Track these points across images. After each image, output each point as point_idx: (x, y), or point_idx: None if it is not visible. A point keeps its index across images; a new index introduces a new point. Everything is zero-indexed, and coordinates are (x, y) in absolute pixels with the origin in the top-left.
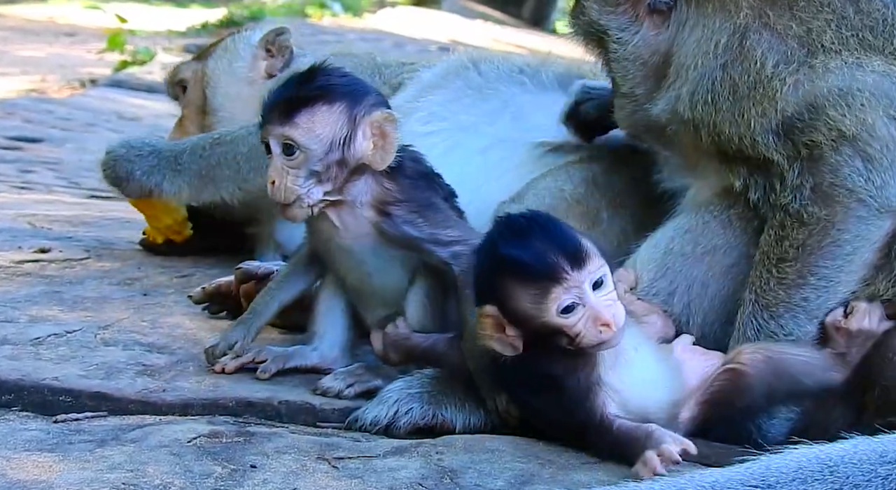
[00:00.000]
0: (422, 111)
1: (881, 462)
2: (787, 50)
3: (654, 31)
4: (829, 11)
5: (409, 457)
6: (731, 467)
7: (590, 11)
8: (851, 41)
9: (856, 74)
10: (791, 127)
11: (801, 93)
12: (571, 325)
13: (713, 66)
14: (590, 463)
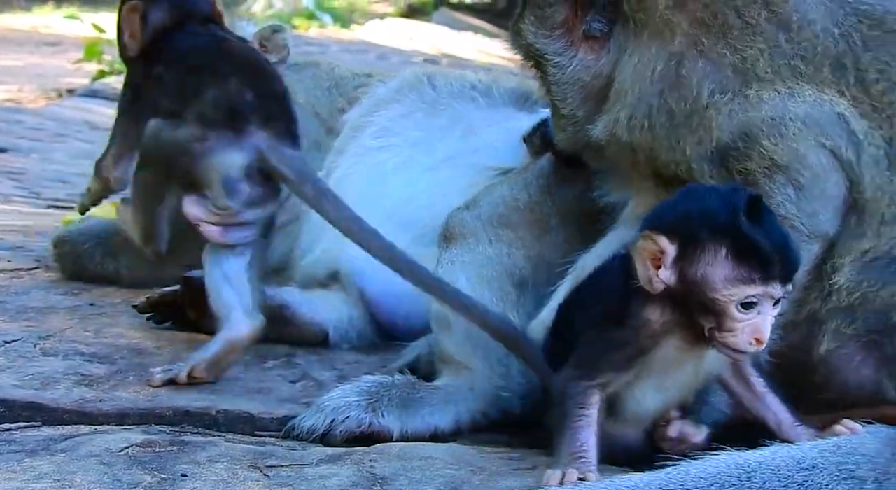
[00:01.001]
0: (375, 126)
1: (798, 468)
2: (722, 78)
3: (592, 55)
4: (762, 40)
5: (342, 464)
6: (652, 472)
7: (526, 35)
8: (784, 70)
9: (788, 105)
10: (726, 155)
11: (735, 122)
12: (734, 319)
13: (650, 92)
14: (521, 469)
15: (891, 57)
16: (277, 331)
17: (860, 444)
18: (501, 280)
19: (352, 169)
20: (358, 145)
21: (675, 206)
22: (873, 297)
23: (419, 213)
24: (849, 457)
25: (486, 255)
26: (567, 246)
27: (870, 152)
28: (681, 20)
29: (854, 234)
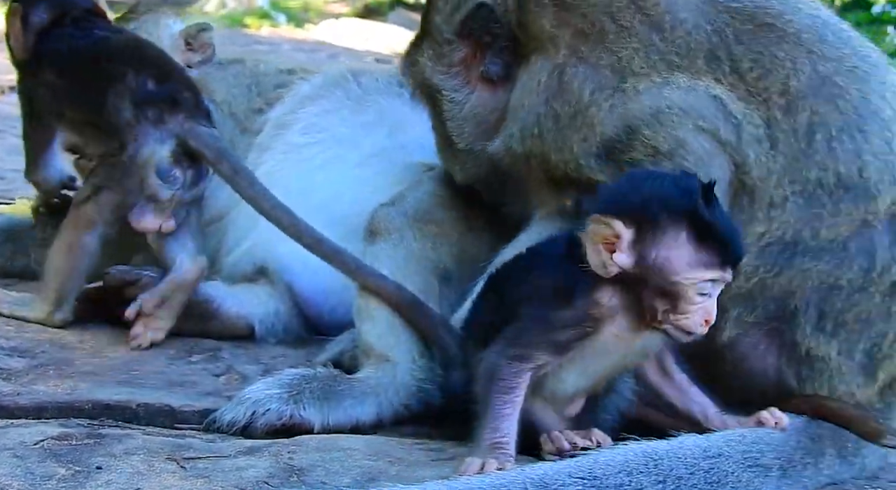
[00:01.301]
0: (301, 122)
1: (704, 456)
2: (601, 78)
3: (487, 94)
4: (637, 41)
5: (260, 456)
6: (561, 461)
7: (424, 68)
8: (659, 64)
9: (664, 93)
10: (611, 149)
11: (616, 116)
12: (691, 302)
13: (537, 102)
14: (439, 460)
15: (762, 47)
16: (202, 325)
17: (766, 433)
18: (425, 274)
19: (279, 166)
20: (284, 142)
21: (626, 190)
22: (771, 283)
23: (347, 209)
24: (754, 445)
25: (411, 249)
26: (493, 242)
27: (749, 131)
28: (564, 34)
29: (746, 219)
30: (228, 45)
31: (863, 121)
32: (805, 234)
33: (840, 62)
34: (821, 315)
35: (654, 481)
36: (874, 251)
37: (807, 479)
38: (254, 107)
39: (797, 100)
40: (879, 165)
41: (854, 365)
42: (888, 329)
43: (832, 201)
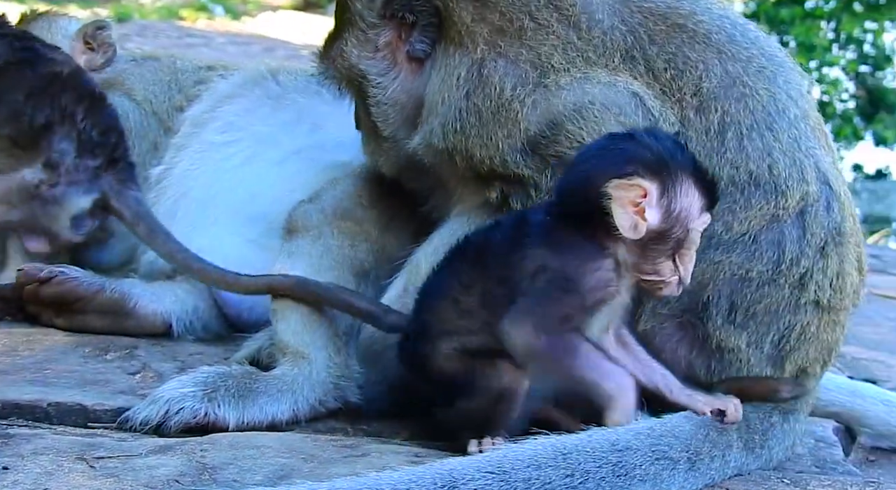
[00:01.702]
0: (218, 121)
1: (612, 450)
2: (521, 73)
3: (412, 76)
4: (555, 38)
5: (172, 454)
6: (470, 456)
7: (349, 56)
8: (577, 60)
9: (585, 88)
10: (536, 144)
11: (539, 112)
12: (693, 248)
13: (458, 97)
14: (353, 456)
15: (675, 47)
16: (119, 323)
17: (674, 426)
18: (341, 270)
19: (196, 164)
20: (201, 141)
21: (630, 152)
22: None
23: (266, 207)
24: (662, 439)
25: (328, 246)
26: (412, 240)
27: (665, 129)
28: (482, 30)
29: None
30: (160, 38)
31: (771, 119)
32: (718, 228)
33: (749, 62)
34: (731, 307)
35: (563, 475)
36: (784, 244)
37: (714, 471)
38: (175, 105)
39: (709, 100)
40: (788, 162)
41: (763, 356)
42: (796, 321)
43: (744, 197)
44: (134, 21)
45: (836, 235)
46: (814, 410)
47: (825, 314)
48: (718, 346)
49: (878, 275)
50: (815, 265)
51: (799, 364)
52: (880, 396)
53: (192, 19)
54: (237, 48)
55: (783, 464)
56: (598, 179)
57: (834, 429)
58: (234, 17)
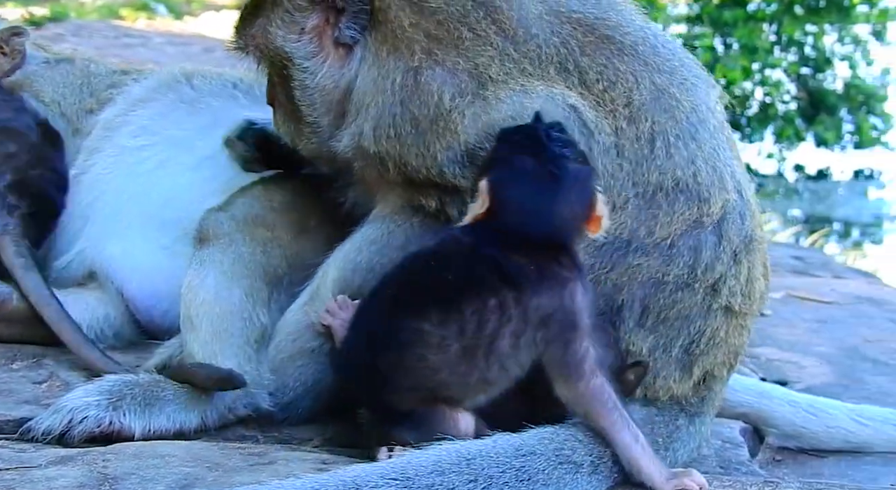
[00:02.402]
0: (132, 125)
1: (517, 455)
2: (459, 83)
3: (339, 63)
4: (492, 49)
5: (73, 465)
6: (374, 463)
7: (273, 37)
8: (514, 72)
9: (524, 102)
10: (475, 156)
11: (480, 124)
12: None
13: (392, 102)
14: (258, 465)
15: (605, 59)
16: (29, 332)
17: (578, 430)
18: (253, 278)
19: (110, 169)
20: (114, 145)
21: (579, 155)
22: (604, 279)
23: (181, 212)
24: (566, 443)
25: (239, 253)
26: (327, 245)
27: (601, 140)
28: (419, 36)
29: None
30: (96, 38)
31: (695, 130)
32: (640, 233)
33: (672, 74)
34: (644, 310)
35: (466, 480)
36: (700, 250)
37: (617, 474)
38: (86, 107)
39: (640, 110)
40: (710, 170)
41: (671, 360)
42: (706, 326)
43: (668, 203)
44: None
45: (749, 243)
46: (722, 411)
47: (734, 319)
48: (627, 349)
49: (798, 276)
50: (729, 271)
51: (706, 368)
52: (787, 397)
53: (132, 19)
54: (176, 49)
55: (688, 465)
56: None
57: (741, 430)
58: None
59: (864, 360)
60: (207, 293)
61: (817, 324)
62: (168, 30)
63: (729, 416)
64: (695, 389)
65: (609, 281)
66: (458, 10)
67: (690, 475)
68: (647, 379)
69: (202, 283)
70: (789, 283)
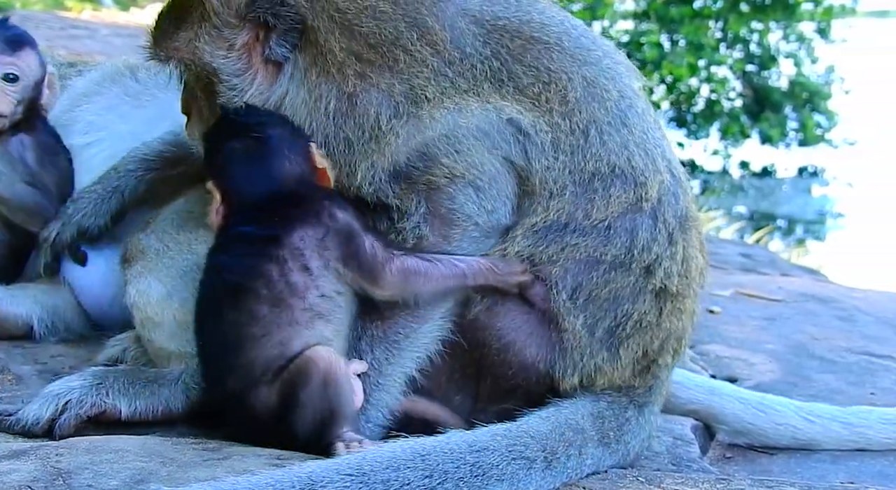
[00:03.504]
0: (80, 122)
1: (470, 451)
2: (395, 104)
3: (268, 81)
4: (428, 70)
5: (26, 459)
6: (329, 459)
7: (201, 53)
8: (450, 90)
9: (459, 120)
10: (408, 175)
11: (414, 144)
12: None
13: (326, 125)
14: (212, 460)
15: (536, 61)
16: None
17: (531, 426)
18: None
19: None
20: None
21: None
22: (540, 255)
23: None
24: (519, 439)
25: (170, 256)
26: None
27: (538, 141)
28: (352, 61)
29: (525, 213)
30: (42, 29)
31: (624, 115)
32: (578, 216)
33: (598, 64)
34: (576, 288)
35: (421, 476)
36: (637, 232)
37: (571, 469)
38: None
39: (575, 105)
40: (642, 154)
41: (594, 340)
42: (633, 310)
43: (604, 187)
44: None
45: (684, 221)
46: (672, 408)
47: (670, 302)
48: (560, 324)
49: (746, 274)
50: (665, 252)
51: (638, 352)
52: (737, 394)
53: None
54: (123, 40)
55: (640, 462)
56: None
57: (692, 427)
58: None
59: (812, 358)
60: (158, 292)
61: (766, 321)
62: (114, 21)
63: (679, 413)
64: (640, 378)
65: (545, 256)
66: (391, 32)
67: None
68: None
69: (148, 287)
70: (737, 280)
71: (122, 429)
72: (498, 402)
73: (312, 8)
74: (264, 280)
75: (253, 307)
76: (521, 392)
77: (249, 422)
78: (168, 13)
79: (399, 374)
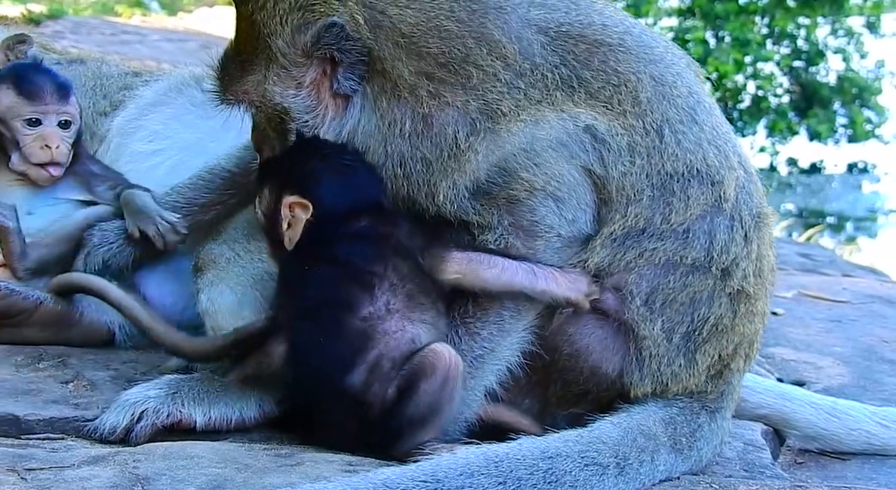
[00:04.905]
0: (144, 130)
1: (543, 457)
2: (472, 121)
3: (339, 114)
4: (501, 84)
5: (105, 465)
6: (405, 466)
7: (271, 95)
8: (525, 103)
9: (536, 133)
10: (488, 191)
11: (493, 160)
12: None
13: (402, 145)
14: (286, 466)
15: (604, 65)
16: (62, 334)
17: (602, 432)
18: (265, 279)
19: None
20: (130, 152)
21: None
22: (618, 261)
23: None
24: (591, 445)
25: (241, 264)
26: None
27: (614, 145)
28: (422, 82)
29: (602, 222)
30: (94, 35)
31: (694, 112)
32: (655, 220)
33: (663, 61)
34: (652, 292)
35: (495, 482)
36: (715, 233)
37: (643, 475)
38: (99, 110)
39: (646, 105)
40: (715, 151)
41: (672, 347)
42: (710, 314)
43: (681, 188)
44: (68, 17)
45: (758, 219)
46: (742, 413)
47: (743, 304)
48: (636, 331)
49: (808, 275)
50: (742, 252)
51: (714, 357)
52: (808, 399)
53: (127, 15)
54: (173, 45)
55: (712, 468)
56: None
57: (762, 432)
58: (170, 12)
59: (882, 361)
60: (229, 300)
61: (831, 323)
62: (163, 26)
63: (748, 418)
64: (712, 383)
65: (622, 264)
66: (460, 50)
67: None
68: (653, 367)
69: (220, 295)
70: (799, 281)
71: (194, 435)
72: (567, 406)
73: (377, 38)
74: (397, 274)
75: (390, 299)
76: (591, 397)
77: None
78: (233, 55)
79: (480, 387)
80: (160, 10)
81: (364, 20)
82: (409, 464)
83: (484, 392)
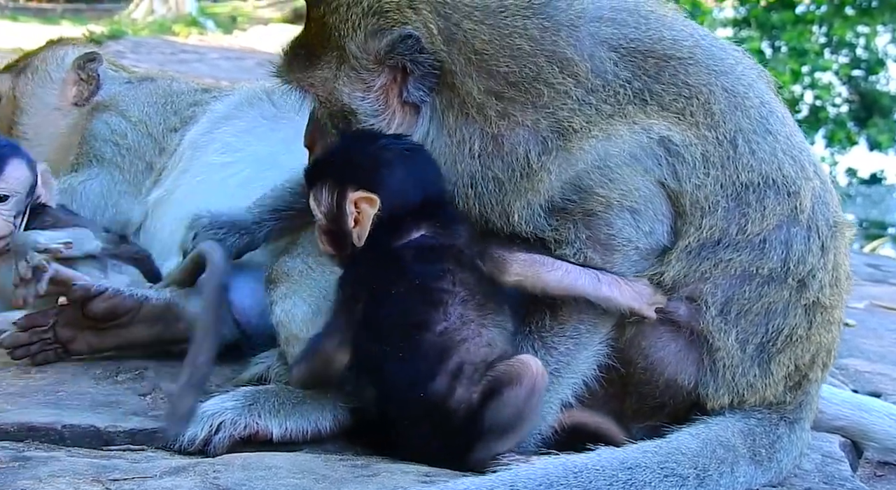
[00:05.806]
0: (217, 142)
1: (622, 468)
2: (543, 140)
3: (406, 122)
4: (572, 101)
5: (186, 476)
6: (482, 476)
7: (339, 94)
8: (596, 118)
9: (609, 149)
10: (563, 208)
11: (566, 178)
12: None
13: (472, 165)
14: (363, 476)
15: (674, 78)
16: (170, 329)
17: (681, 443)
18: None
19: (197, 187)
20: (202, 163)
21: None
22: (693, 271)
23: None
24: (670, 456)
25: (313, 277)
26: None
27: (688, 157)
28: (491, 101)
29: (677, 235)
30: (154, 54)
31: (767, 122)
32: (731, 231)
33: (733, 72)
34: (727, 302)
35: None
36: (791, 244)
37: (724, 487)
38: (170, 126)
39: (719, 116)
40: (791, 161)
41: (746, 357)
42: (784, 324)
43: (757, 199)
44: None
45: (834, 228)
46: (819, 425)
47: (819, 314)
48: (710, 344)
49: (878, 285)
50: (818, 263)
51: (790, 367)
52: (886, 410)
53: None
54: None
55: (791, 480)
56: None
57: (840, 444)
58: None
59: None
60: (303, 311)
61: None
62: (220, 44)
63: (825, 430)
64: (791, 394)
65: (697, 275)
66: (532, 69)
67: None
68: (727, 378)
69: (294, 306)
70: (870, 292)
71: (270, 446)
72: (643, 419)
73: (450, 52)
74: (465, 287)
75: (463, 312)
76: (667, 410)
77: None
78: (303, 43)
79: (556, 401)
80: (216, 29)
81: (438, 30)
82: (486, 474)
83: (560, 406)
